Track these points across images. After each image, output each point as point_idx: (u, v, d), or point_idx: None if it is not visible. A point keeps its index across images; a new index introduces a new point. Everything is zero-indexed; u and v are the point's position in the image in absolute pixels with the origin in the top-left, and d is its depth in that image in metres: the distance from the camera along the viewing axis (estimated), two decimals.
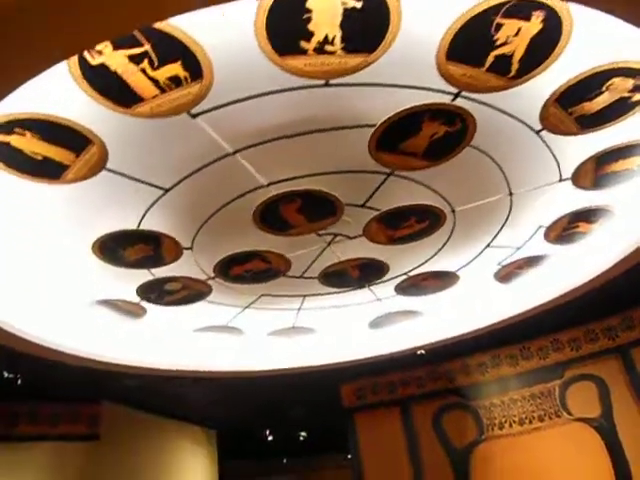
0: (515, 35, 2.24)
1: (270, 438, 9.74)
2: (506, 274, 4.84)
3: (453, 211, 3.66)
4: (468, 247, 4.30)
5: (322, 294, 4.84)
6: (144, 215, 3.22)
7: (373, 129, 2.74)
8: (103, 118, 2.41)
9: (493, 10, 2.13)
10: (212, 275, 4.12)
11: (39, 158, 2.57)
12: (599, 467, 5.30)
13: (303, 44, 2.17)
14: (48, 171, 2.68)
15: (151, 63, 2.16)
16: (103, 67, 2.14)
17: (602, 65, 2.47)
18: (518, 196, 3.59)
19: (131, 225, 3.31)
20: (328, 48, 2.20)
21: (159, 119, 2.46)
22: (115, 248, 3.50)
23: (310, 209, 3.38)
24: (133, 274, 3.91)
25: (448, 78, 2.44)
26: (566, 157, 3.20)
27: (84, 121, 2.41)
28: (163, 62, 2.17)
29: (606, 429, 5.41)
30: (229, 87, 2.35)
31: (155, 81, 2.24)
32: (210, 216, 3.35)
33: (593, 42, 2.34)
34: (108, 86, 2.24)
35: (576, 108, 2.75)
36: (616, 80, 2.57)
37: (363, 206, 3.47)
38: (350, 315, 5.39)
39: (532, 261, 4.65)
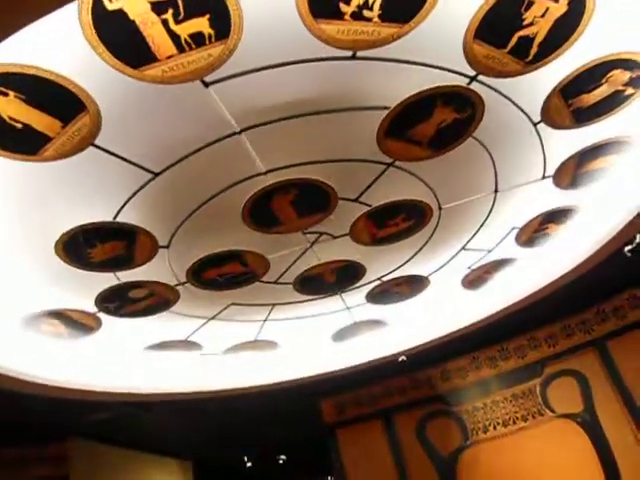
0: (542, 16, 2.28)
1: (249, 464, 9.06)
2: (474, 279, 4.91)
3: (440, 208, 3.66)
4: (444, 249, 4.32)
5: (292, 302, 4.62)
6: (124, 204, 2.88)
7: (387, 111, 2.65)
8: (105, 79, 2.12)
9: None
10: (183, 280, 3.78)
11: (18, 126, 2.21)
12: (586, 461, 5.41)
13: (342, 6, 2.06)
14: (25, 144, 2.31)
15: (176, 14, 1.94)
16: (120, 14, 1.89)
17: (608, 55, 2.58)
18: (502, 194, 3.66)
19: (106, 217, 2.94)
20: (366, 13, 2.10)
21: (168, 85, 2.22)
22: (83, 245, 3.09)
23: (303, 202, 3.22)
24: (95, 279, 3.48)
25: (471, 58, 2.43)
26: (553, 153, 3.31)
27: (82, 81, 2.10)
28: (189, 14, 1.95)
29: (589, 423, 5.56)
30: (252, 52, 2.17)
31: (175, 37, 2.01)
32: (196, 208, 3.08)
33: (606, 30, 2.44)
34: (119, 39, 1.98)
35: (576, 99, 2.85)
36: (616, 72, 2.71)
37: (356, 200, 3.36)
38: (316, 326, 5.19)
39: (500, 265, 4.76)
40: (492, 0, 2.16)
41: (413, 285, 4.78)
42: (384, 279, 4.57)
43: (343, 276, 4.28)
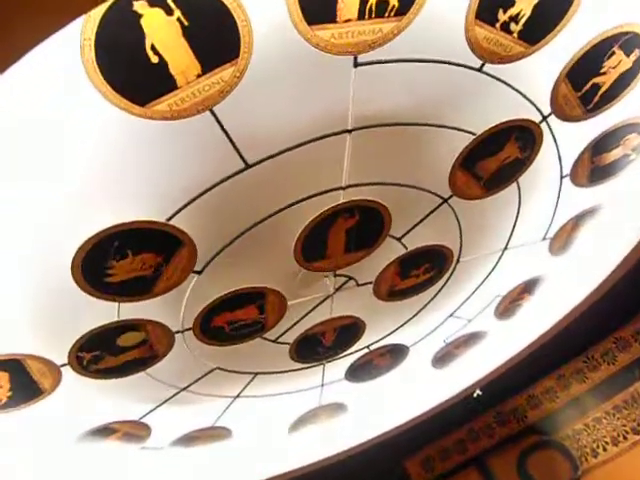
0: (614, 67, 2.77)
1: None
2: (444, 354, 4.99)
3: (458, 261, 3.80)
4: (437, 314, 4.39)
5: (275, 372, 4.17)
6: (191, 202, 2.50)
7: (473, 137, 2.84)
8: (273, 30, 1.98)
9: (617, 38, 2.63)
10: (188, 326, 3.22)
11: (152, 61, 1.89)
12: None
13: (500, 13, 2.28)
14: (142, 89, 1.97)
15: None
16: None
17: (635, 117, 3.17)
18: (508, 253, 3.96)
19: (160, 215, 2.49)
20: (512, 27, 2.34)
21: (323, 54, 2.13)
22: (111, 254, 2.53)
23: (357, 232, 3.11)
24: (92, 311, 2.81)
25: (554, 94, 2.79)
26: (561, 212, 3.76)
27: (255, 23, 1.93)
28: None
29: None
30: (410, 40, 2.23)
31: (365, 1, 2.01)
32: (259, 222, 2.78)
33: None
34: None
35: (598, 157, 3.37)
36: (631, 136, 3.30)
37: (400, 239, 3.36)
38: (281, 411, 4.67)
39: (471, 339, 4.94)
40: (594, 41, 2.57)
41: (393, 357, 4.68)
42: (372, 347, 4.42)
43: (342, 336, 4.05)
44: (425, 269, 3.69)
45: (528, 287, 4.49)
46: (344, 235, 3.08)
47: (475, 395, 5.50)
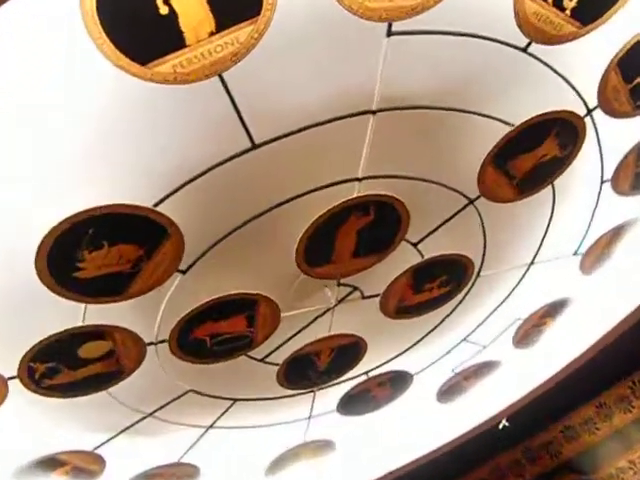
0: None
1: None
2: (452, 386, 5.03)
3: (478, 275, 3.84)
4: (448, 337, 4.43)
5: (257, 399, 4.13)
6: (182, 186, 2.48)
7: (510, 128, 2.89)
8: None
9: None
10: (163, 337, 3.18)
11: (161, 12, 1.89)
12: None
13: None
14: (148, 44, 1.95)
15: None
16: None
17: None
18: (534, 268, 4.03)
19: (146, 200, 2.47)
20: (565, 3, 2.41)
21: (355, 19, 2.15)
22: (84, 243, 2.48)
23: (370, 233, 3.12)
24: (52, 313, 2.75)
25: (602, 85, 2.87)
26: (599, 222, 3.85)
27: None
28: None
29: None
30: (450, 11, 2.27)
31: None
32: (258, 215, 2.77)
33: None
34: None
35: None
36: None
37: (415, 245, 3.39)
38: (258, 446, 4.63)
39: (484, 369, 4.99)
40: None
41: (394, 386, 4.69)
42: (371, 374, 4.43)
43: (339, 359, 4.04)
44: (441, 282, 3.72)
45: (552, 310, 4.56)
46: (355, 236, 3.08)
47: (501, 427, 5.38)
